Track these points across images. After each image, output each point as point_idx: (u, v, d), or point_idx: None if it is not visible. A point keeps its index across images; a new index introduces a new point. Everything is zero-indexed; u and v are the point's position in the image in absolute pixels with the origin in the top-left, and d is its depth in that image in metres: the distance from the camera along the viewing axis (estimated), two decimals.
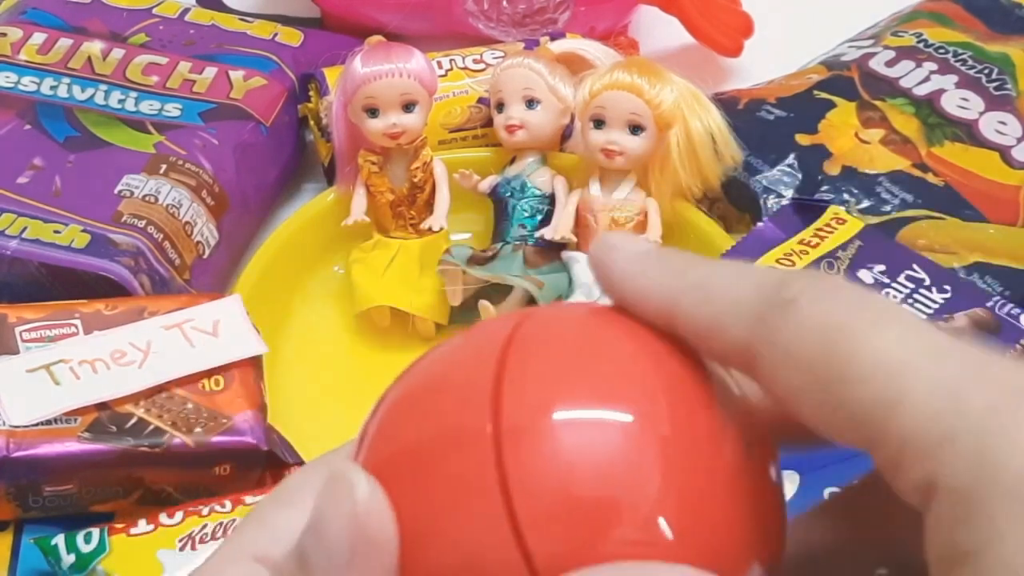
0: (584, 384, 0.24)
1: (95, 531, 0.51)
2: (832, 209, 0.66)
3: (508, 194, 0.68)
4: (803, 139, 0.70)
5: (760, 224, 0.65)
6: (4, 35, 0.74)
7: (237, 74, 0.72)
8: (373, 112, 0.65)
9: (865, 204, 0.67)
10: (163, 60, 0.73)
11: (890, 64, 0.74)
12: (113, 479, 0.53)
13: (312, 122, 0.73)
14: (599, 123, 0.65)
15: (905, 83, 0.73)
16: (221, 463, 0.54)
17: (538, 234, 0.67)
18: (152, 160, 0.66)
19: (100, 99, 0.70)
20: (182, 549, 0.51)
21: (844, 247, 0.63)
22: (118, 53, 0.73)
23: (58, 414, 0.53)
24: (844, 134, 0.70)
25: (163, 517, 0.52)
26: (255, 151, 0.70)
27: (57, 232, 0.62)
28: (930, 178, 0.68)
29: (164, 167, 0.66)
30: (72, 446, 0.52)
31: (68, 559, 0.51)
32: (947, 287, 0.61)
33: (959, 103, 0.72)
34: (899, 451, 0.21)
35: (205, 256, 0.66)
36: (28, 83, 0.71)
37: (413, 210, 0.67)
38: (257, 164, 0.70)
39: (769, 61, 0.78)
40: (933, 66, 0.74)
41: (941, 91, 0.72)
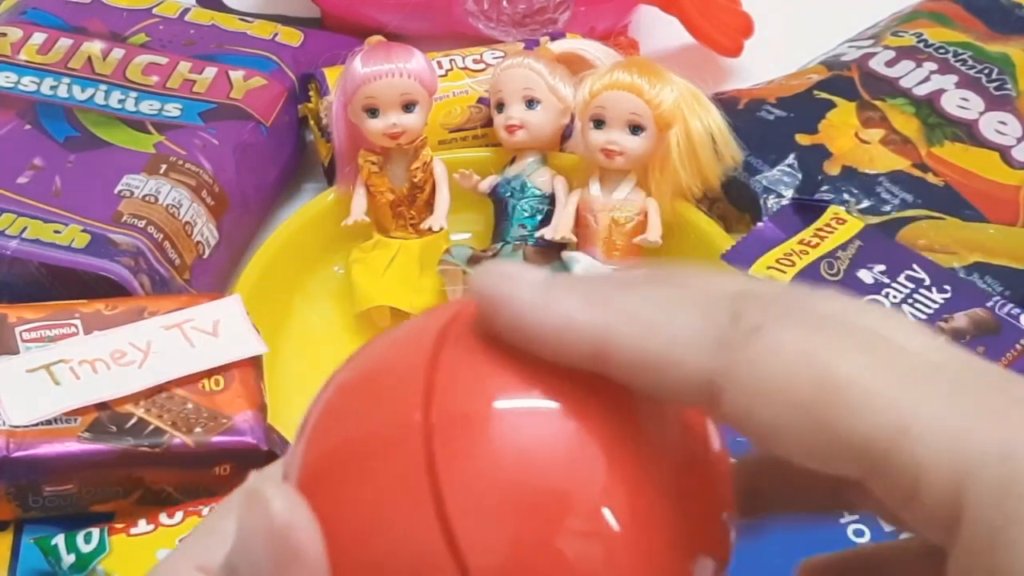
0: (517, 379, 0.23)
1: (95, 531, 0.51)
2: (832, 209, 0.66)
3: (508, 194, 0.68)
4: (803, 139, 0.70)
5: (760, 224, 0.65)
6: (4, 35, 0.74)
7: (237, 74, 0.72)
8: (373, 112, 0.65)
9: (865, 204, 0.67)
10: (163, 60, 0.73)
11: (890, 64, 0.74)
12: (113, 479, 0.53)
13: (312, 122, 0.73)
14: (599, 123, 0.65)
15: (905, 83, 0.73)
16: (221, 463, 0.54)
17: (538, 234, 0.67)
18: (152, 160, 0.66)
19: (100, 99, 0.70)
20: None
21: (844, 247, 0.63)
22: (118, 53, 0.73)
23: (58, 414, 0.53)
24: (844, 134, 0.70)
25: (163, 517, 0.52)
26: (255, 151, 0.70)
27: (57, 232, 0.62)
28: (930, 178, 0.68)
29: (164, 167, 0.66)
30: (72, 446, 0.52)
31: (68, 559, 0.51)
32: (947, 287, 0.61)
33: (959, 103, 0.72)
34: (912, 483, 0.20)
35: (205, 256, 0.66)
36: (28, 83, 0.71)
37: (413, 210, 0.67)
38: (257, 164, 0.70)
39: (769, 61, 0.78)
40: (933, 66, 0.74)
41: (941, 91, 0.72)
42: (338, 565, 0.23)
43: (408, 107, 0.65)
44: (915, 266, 0.62)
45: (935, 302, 0.61)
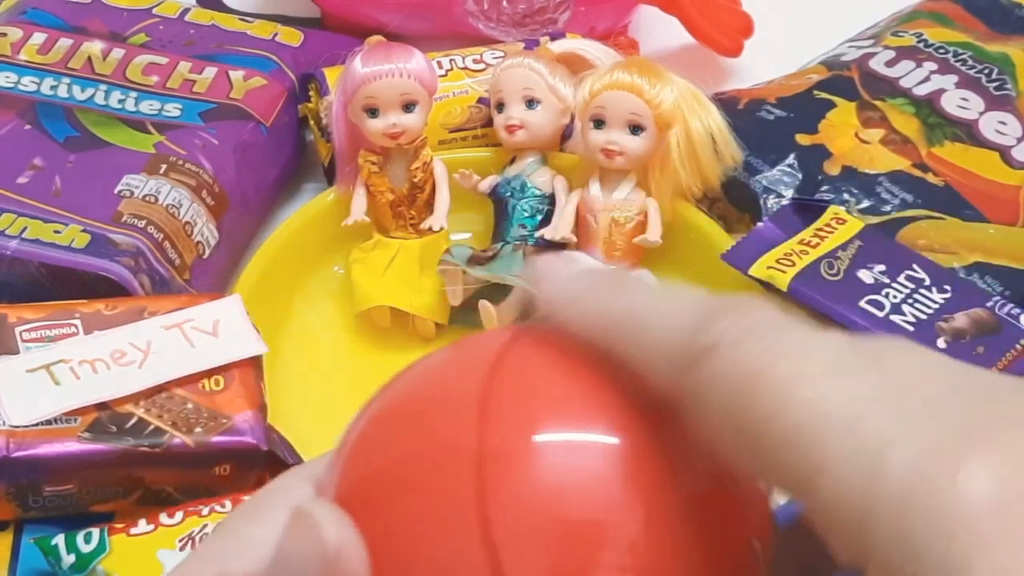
0: (571, 408, 0.23)
1: (95, 531, 0.51)
2: (832, 209, 0.66)
3: (508, 194, 0.68)
4: (803, 139, 0.70)
5: (760, 224, 0.65)
6: (4, 35, 0.74)
7: (237, 74, 0.72)
8: (373, 112, 0.65)
9: (865, 204, 0.67)
10: (163, 60, 0.73)
11: (890, 64, 0.74)
12: (113, 479, 0.53)
13: (312, 122, 0.73)
14: (599, 123, 0.65)
15: (905, 83, 0.73)
16: (221, 463, 0.54)
17: (538, 234, 0.67)
18: (152, 160, 0.66)
19: (100, 99, 0.70)
20: (182, 549, 0.51)
21: (844, 247, 0.63)
22: (118, 53, 0.73)
23: (58, 414, 0.53)
24: (844, 134, 0.70)
25: (163, 517, 0.52)
26: (255, 151, 0.70)
27: (57, 232, 0.62)
28: (930, 178, 0.68)
29: (164, 167, 0.66)
30: (72, 446, 0.52)
31: (68, 559, 0.51)
32: (947, 287, 0.61)
33: (959, 103, 0.72)
34: (826, 521, 0.20)
35: (205, 256, 0.66)
36: (28, 83, 0.71)
37: (413, 210, 0.67)
38: (257, 164, 0.70)
39: (769, 61, 0.78)
40: (933, 66, 0.74)
41: (941, 91, 0.72)
42: None
43: (408, 107, 0.65)
44: (915, 266, 0.62)
45: (935, 302, 0.61)
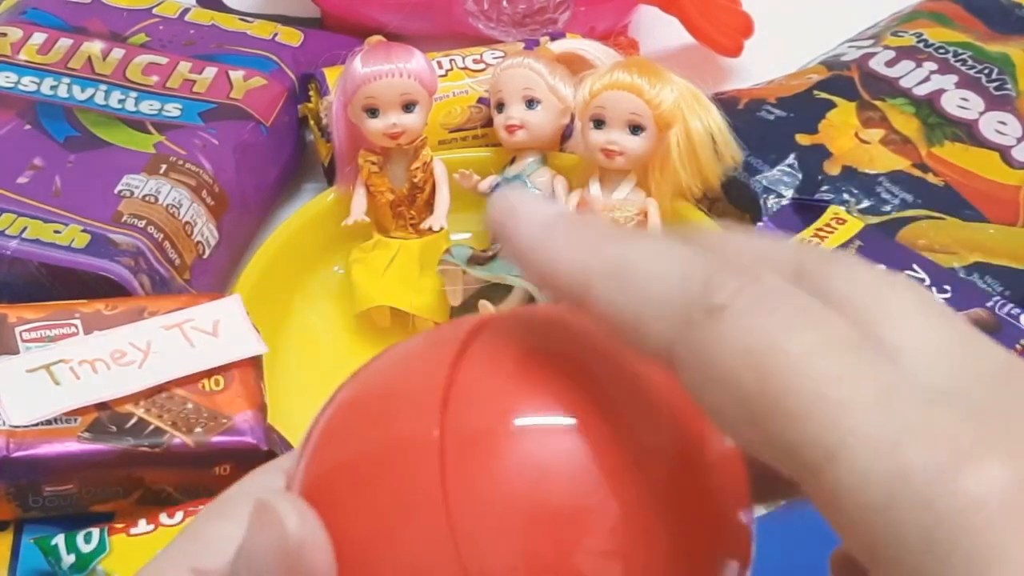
0: (536, 396, 0.22)
1: (95, 531, 0.51)
2: (832, 209, 0.66)
3: None
4: (803, 139, 0.70)
5: (760, 224, 0.65)
6: (4, 35, 0.74)
7: (237, 74, 0.72)
8: (373, 112, 0.65)
9: (865, 204, 0.67)
10: (163, 60, 0.73)
11: (890, 64, 0.74)
12: (113, 479, 0.53)
13: (312, 122, 0.73)
14: (599, 123, 0.65)
15: (905, 83, 0.73)
16: (221, 463, 0.54)
17: None
18: (152, 160, 0.66)
19: (100, 99, 0.70)
20: None
21: (844, 247, 0.63)
22: (118, 53, 0.73)
23: (58, 414, 0.53)
24: (844, 134, 0.70)
25: (163, 517, 0.52)
26: (255, 151, 0.70)
27: (57, 232, 0.62)
28: (930, 178, 0.68)
29: (164, 167, 0.66)
30: (72, 446, 0.52)
31: (68, 559, 0.51)
32: (947, 287, 0.61)
33: (959, 103, 0.72)
34: (836, 504, 0.19)
35: (205, 256, 0.66)
36: (28, 83, 0.71)
37: (413, 210, 0.67)
38: (257, 164, 0.70)
39: (769, 61, 0.78)
40: (933, 66, 0.74)
41: (941, 91, 0.72)
42: None
43: (408, 107, 0.65)
44: (915, 266, 0.62)
45: (944, 303, 0.61)
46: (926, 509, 0.18)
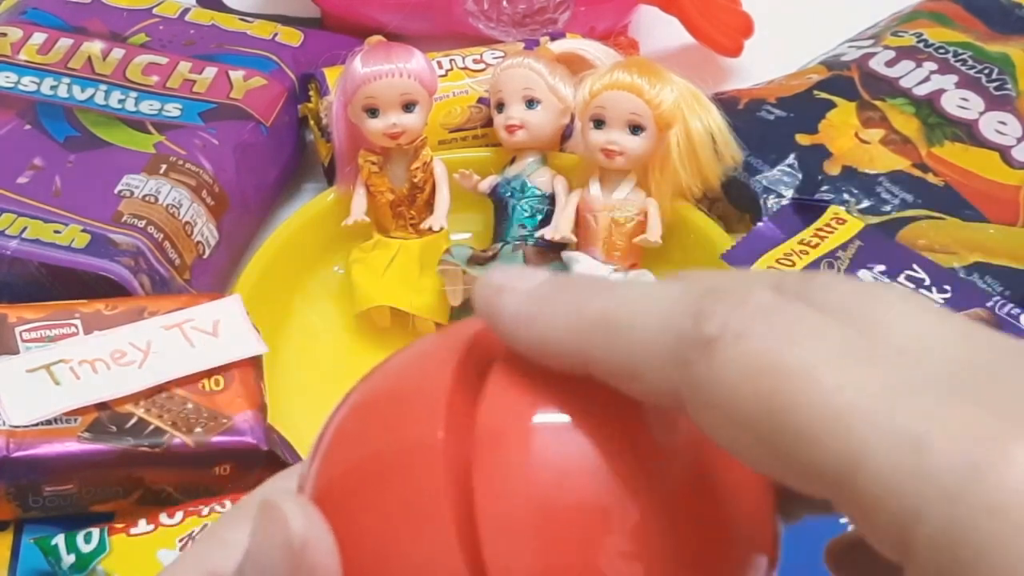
0: (543, 393, 0.22)
1: (95, 531, 0.51)
2: (832, 209, 0.66)
3: (508, 194, 0.68)
4: (803, 139, 0.70)
5: (760, 224, 0.65)
6: (4, 35, 0.74)
7: (237, 74, 0.72)
8: (373, 112, 0.65)
9: (865, 204, 0.67)
10: (163, 60, 0.73)
11: (890, 64, 0.74)
12: (113, 479, 0.53)
13: (312, 122, 0.73)
14: (599, 123, 0.65)
15: (905, 83, 0.73)
16: (221, 463, 0.54)
17: (538, 234, 0.67)
18: (152, 160, 0.66)
19: (100, 99, 0.70)
20: (182, 549, 0.51)
21: (844, 247, 0.63)
22: (118, 53, 0.73)
23: (58, 414, 0.53)
24: (844, 134, 0.70)
25: (163, 517, 0.52)
26: (255, 151, 0.70)
27: (57, 232, 0.62)
28: (930, 178, 0.68)
29: (164, 167, 0.66)
30: (72, 446, 0.52)
31: (68, 559, 0.51)
32: (947, 287, 0.61)
33: (959, 103, 0.72)
34: (866, 514, 0.19)
35: (205, 256, 0.66)
36: (28, 83, 0.71)
37: (413, 210, 0.67)
38: (257, 164, 0.70)
39: (769, 61, 0.78)
40: (933, 66, 0.74)
41: (941, 91, 0.72)
42: None
43: (408, 107, 0.65)
44: (915, 266, 0.62)
45: (935, 302, 0.61)
46: (954, 505, 0.18)
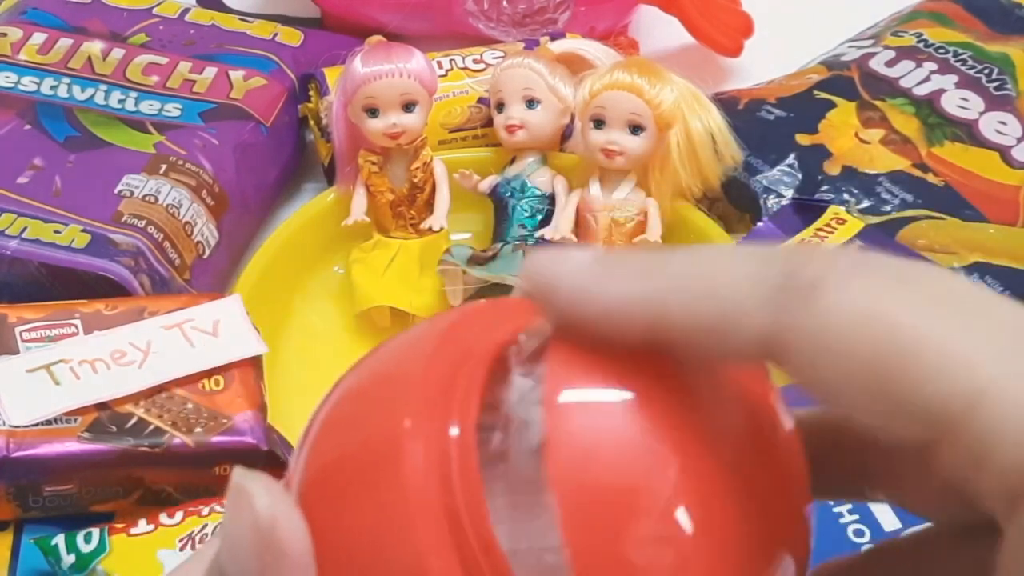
0: (604, 371, 0.22)
1: (95, 531, 0.51)
2: (832, 209, 0.66)
3: (508, 194, 0.68)
4: (803, 139, 0.70)
5: (760, 224, 0.65)
6: (4, 35, 0.74)
7: (237, 74, 0.72)
8: (373, 112, 0.65)
9: (865, 204, 0.67)
10: (163, 60, 0.73)
11: (890, 64, 0.74)
12: (113, 479, 0.53)
13: (312, 122, 0.73)
14: (599, 123, 0.65)
15: (905, 83, 0.73)
16: (221, 463, 0.54)
17: (538, 234, 0.67)
18: (152, 160, 0.66)
19: (100, 99, 0.70)
20: (182, 549, 0.51)
21: (844, 247, 0.63)
22: (118, 53, 0.73)
23: (58, 414, 0.53)
24: (844, 134, 0.70)
25: (163, 517, 0.52)
26: (255, 151, 0.70)
27: (57, 232, 0.62)
28: (930, 178, 0.68)
29: (164, 167, 0.66)
30: (72, 446, 0.52)
31: (68, 559, 0.51)
32: None
33: (959, 103, 0.72)
34: (981, 451, 0.18)
35: (205, 256, 0.66)
36: (28, 83, 0.71)
37: (413, 210, 0.67)
38: (257, 164, 0.70)
39: (769, 61, 0.78)
40: (933, 66, 0.74)
41: (941, 91, 0.72)
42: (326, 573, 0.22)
43: (408, 107, 0.65)
44: None
45: None
46: None
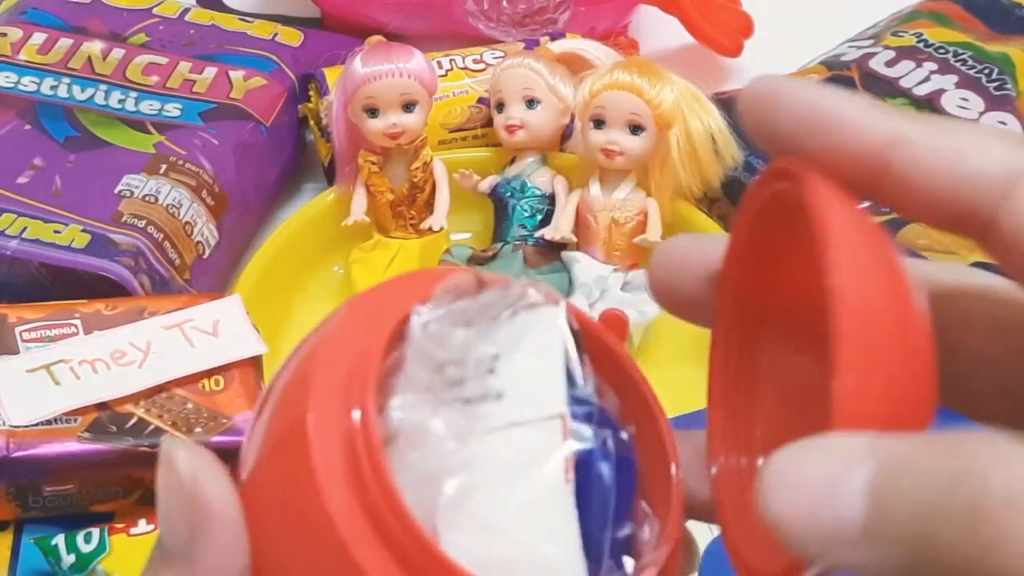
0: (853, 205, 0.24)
1: (95, 531, 0.51)
2: None
3: (508, 194, 0.68)
4: None
5: None
6: (4, 35, 0.74)
7: (237, 74, 0.72)
8: (373, 112, 0.65)
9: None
10: (163, 60, 0.73)
11: (890, 64, 0.74)
12: (113, 479, 0.53)
13: (312, 122, 0.73)
14: (599, 123, 0.65)
15: (905, 83, 0.73)
16: (221, 463, 0.54)
17: (538, 234, 0.67)
18: (152, 160, 0.66)
19: (100, 99, 0.70)
20: None
21: None
22: (118, 53, 0.73)
23: (58, 414, 0.53)
24: None
25: None
26: (255, 151, 0.70)
27: (57, 232, 0.62)
28: None
29: (164, 167, 0.66)
30: (72, 446, 0.52)
31: (68, 559, 0.51)
32: None
33: (959, 103, 0.72)
34: None
35: (205, 256, 0.66)
36: (28, 83, 0.71)
37: (413, 210, 0.67)
38: (257, 164, 0.70)
39: (769, 61, 0.78)
40: (933, 66, 0.74)
41: (941, 91, 0.72)
42: (258, 560, 0.23)
43: (408, 107, 0.65)
44: None
45: None
46: None
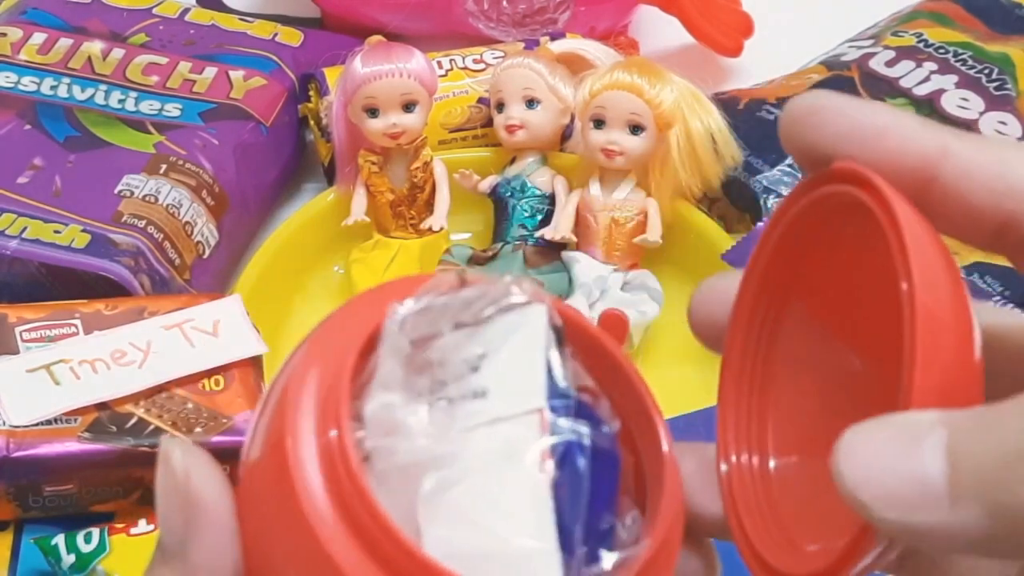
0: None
1: (95, 531, 0.51)
2: None
3: (508, 194, 0.68)
4: None
5: (760, 224, 0.65)
6: (4, 35, 0.74)
7: (237, 74, 0.72)
8: (373, 112, 0.65)
9: None
10: (163, 60, 0.73)
11: (890, 64, 0.74)
12: (113, 479, 0.53)
13: (312, 122, 0.73)
14: (599, 123, 0.65)
15: (905, 83, 0.73)
16: (221, 463, 0.53)
17: (538, 234, 0.67)
18: (152, 160, 0.66)
19: (100, 99, 0.70)
20: None
21: None
22: (118, 53, 0.73)
23: (58, 414, 0.53)
24: None
25: None
26: (255, 151, 0.70)
27: (57, 232, 0.62)
28: None
29: (164, 167, 0.66)
30: (72, 446, 0.52)
31: (68, 559, 0.51)
32: None
33: (959, 103, 0.72)
34: None
35: (205, 256, 0.66)
36: (28, 83, 0.71)
37: (413, 210, 0.67)
38: (257, 164, 0.70)
39: (769, 61, 0.78)
40: (933, 66, 0.74)
41: (941, 91, 0.72)
42: (250, 560, 0.23)
43: (408, 107, 0.65)
44: None
45: None
46: None
